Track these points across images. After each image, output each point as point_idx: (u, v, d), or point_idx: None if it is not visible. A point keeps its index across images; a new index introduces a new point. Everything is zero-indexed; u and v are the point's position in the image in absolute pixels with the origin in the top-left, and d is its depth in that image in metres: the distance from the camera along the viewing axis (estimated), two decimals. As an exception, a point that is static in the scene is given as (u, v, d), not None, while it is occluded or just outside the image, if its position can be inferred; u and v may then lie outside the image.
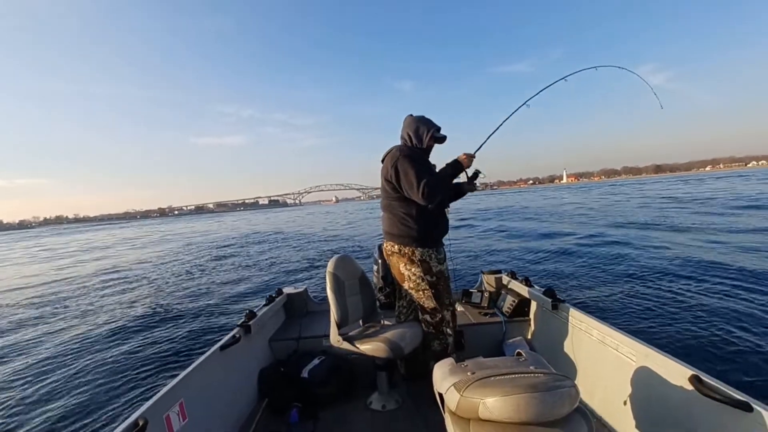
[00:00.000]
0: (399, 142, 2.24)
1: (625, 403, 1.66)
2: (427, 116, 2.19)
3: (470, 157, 2.11)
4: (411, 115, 2.21)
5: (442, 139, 2.22)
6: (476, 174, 2.19)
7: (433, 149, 2.25)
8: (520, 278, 2.81)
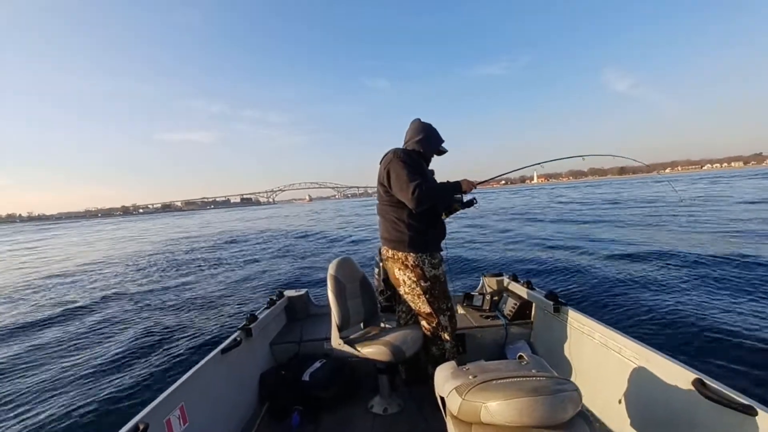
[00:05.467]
0: (376, 140, 2.26)
1: (627, 406, 1.66)
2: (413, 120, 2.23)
3: (471, 185, 2.12)
4: (419, 120, 2.21)
5: (443, 152, 2.26)
6: (471, 202, 2.20)
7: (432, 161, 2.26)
8: (521, 281, 2.81)
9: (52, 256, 17.62)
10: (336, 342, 2.07)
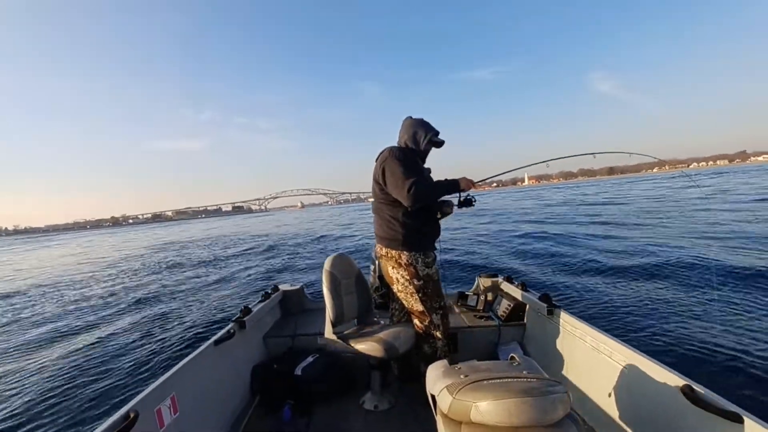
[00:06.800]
0: (369, 144, 2.22)
1: (616, 410, 1.67)
2: (426, 119, 2.16)
3: (470, 184, 2.08)
4: (410, 117, 2.16)
5: (439, 144, 2.18)
6: (468, 200, 2.15)
7: (430, 154, 2.22)
8: (516, 282, 2.80)
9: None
10: (330, 337, 2.07)
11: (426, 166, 2.19)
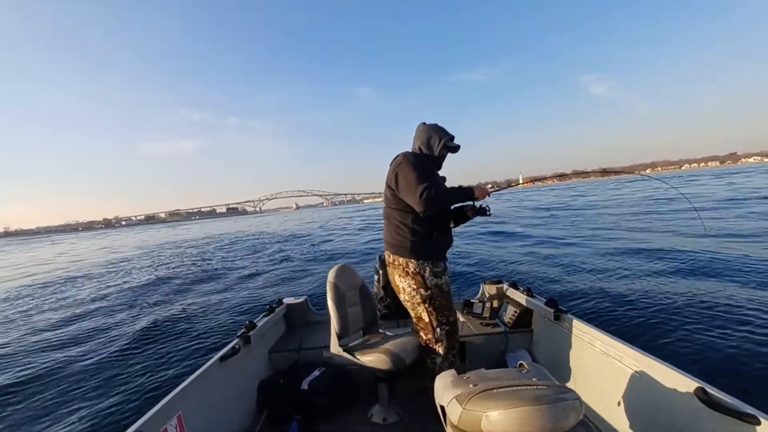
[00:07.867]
0: (363, 148, 2.17)
1: (628, 415, 1.64)
2: (440, 124, 2.12)
3: (484, 193, 2.00)
4: (424, 123, 2.11)
5: (455, 149, 2.09)
6: (483, 209, 2.09)
7: (446, 159, 2.16)
8: (521, 288, 2.78)
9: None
10: (335, 350, 2.05)
11: (441, 174, 2.14)
